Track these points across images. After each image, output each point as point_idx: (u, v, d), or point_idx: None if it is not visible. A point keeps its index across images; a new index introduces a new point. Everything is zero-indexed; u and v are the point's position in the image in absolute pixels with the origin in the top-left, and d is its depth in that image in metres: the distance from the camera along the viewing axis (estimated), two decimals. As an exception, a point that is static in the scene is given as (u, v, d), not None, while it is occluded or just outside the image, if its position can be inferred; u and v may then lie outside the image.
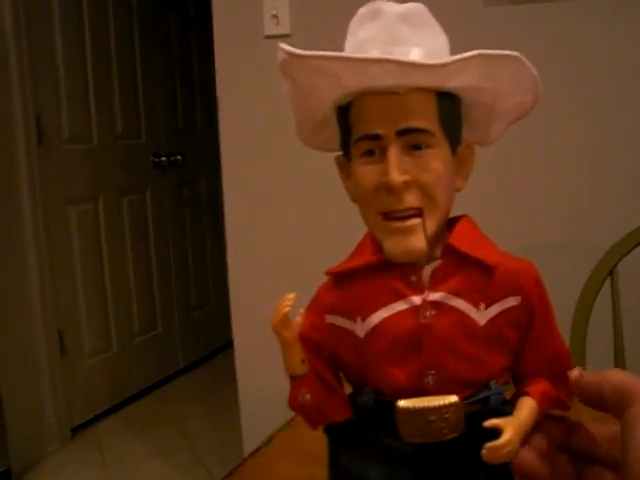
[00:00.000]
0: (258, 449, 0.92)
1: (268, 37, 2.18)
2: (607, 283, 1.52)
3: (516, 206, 2.04)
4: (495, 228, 0.57)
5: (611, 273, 1.52)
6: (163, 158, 3.68)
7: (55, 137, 3.08)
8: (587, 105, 1.99)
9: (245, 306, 2.43)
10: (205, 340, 4.08)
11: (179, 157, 3.77)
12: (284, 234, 2.28)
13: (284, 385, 0.52)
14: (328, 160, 0.53)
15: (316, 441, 0.71)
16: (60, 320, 3.14)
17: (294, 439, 0.95)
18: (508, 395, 0.49)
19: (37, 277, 3.00)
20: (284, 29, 2.11)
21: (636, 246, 1.53)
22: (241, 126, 2.33)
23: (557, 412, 0.48)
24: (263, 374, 2.32)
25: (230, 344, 3.68)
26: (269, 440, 0.94)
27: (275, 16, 2.13)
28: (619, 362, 1.51)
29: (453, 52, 0.48)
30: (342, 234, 1.20)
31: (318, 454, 0.71)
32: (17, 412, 2.89)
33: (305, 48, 0.45)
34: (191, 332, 3.98)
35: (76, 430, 3.24)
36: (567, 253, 1.96)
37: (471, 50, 0.45)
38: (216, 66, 2.32)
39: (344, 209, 0.56)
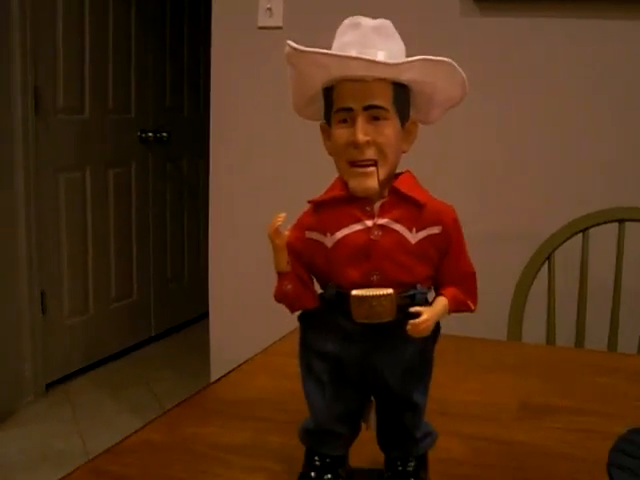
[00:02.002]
0: (235, 368, 1.13)
1: (261, 28, 2.37)
2: (544, 268, 1.74)
3: (468, 197, 2.26)
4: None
5: (548, 258, 1.74)
6: (150, 134, 3.85)
7: (50, 107, 3.25)
8: (534, 108, 2.23)
9: (222, 279, 2.62)
10: (177, 312, 4.25)
11: (165, 134, 3.93)
12: (264, 216, 2.48)
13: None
14: (311, 147, 0.73)
15: (282, 362, 0.91)
16: (43, 281, 3.31)
17: (265, 362, 1.16)
18: (430, 299, 0.70)
19: (25, 239, 3.17)
20: (277, 21, 2.30)
21: (571, 236, 1.75)
22: (232, 111, 2.52)
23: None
24: (236, 344, 2.50)
25: (201, 317, 3.89)
26: (245, 362, 1.15)
27: (269, 9, 2.32)
28: (550, 338, 1.73)
29: (428, 55, 0.68)
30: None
31: (284, 372, 0.92)
32: (-2, 363, 3.05)
33: (296, 40, 0.65)
34: (165, 302, 4.16)
35: (50, 386, 3.41)
36: (511, 241, 2.19)
37: (445, 54, 0.66)
38: (211, 53, 2.50)
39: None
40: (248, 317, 2.55)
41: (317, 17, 2.21)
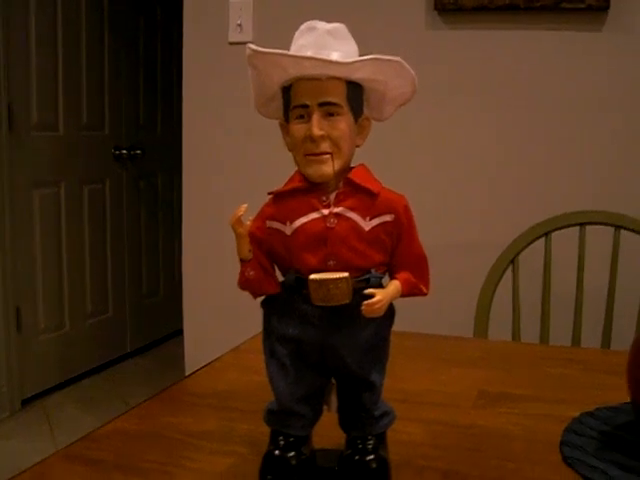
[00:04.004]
0: (206, 365, 1.16)
1: (232, 44, 2.42)
2: (509, 271, 1.79)
3: (433, 205, 2.32)
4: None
5: (512, 262, 1.79)
6: (124, 151, 3.88)
7: (24, 124, 3.28)
8: (496, 117, 2.29)
9: (196, 295, 2.65)
10: (153, 327, 4.27)
11: (139, 151, 3.97)
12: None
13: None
14: (284, 162, 0.77)
15: (251, 359, 0.95)
16: (18, 297, 3.32)
17: (235, 358, 1.20)
18: (385, 285, 0.74)
19: (-1, 255, 3.18)
20: (247, 37, 2.35)
21: (534, 240, 1.81)
22: (203, 126, 2.56)
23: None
24: (211, 360, 2.56)
25: (176, 333, 3.90)
26: (215, 359, 1.19)
27: (239, 25, 2.38)
28: (515, 338, 1.78)
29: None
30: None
31: (254, 367, 0.96)
32: (-27, 379, 3.05)
33: (263, 50, 0.70)
34: (140, 318, 4.18)
35: (26, 402, 3.41)
36: (477, 246, 2.24)
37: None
38: (183, 68, 2.54)
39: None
40: (222, 333, 2.57)
41: (286, 32, 2.25)
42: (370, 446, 0.76)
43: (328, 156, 0.70)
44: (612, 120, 2.19)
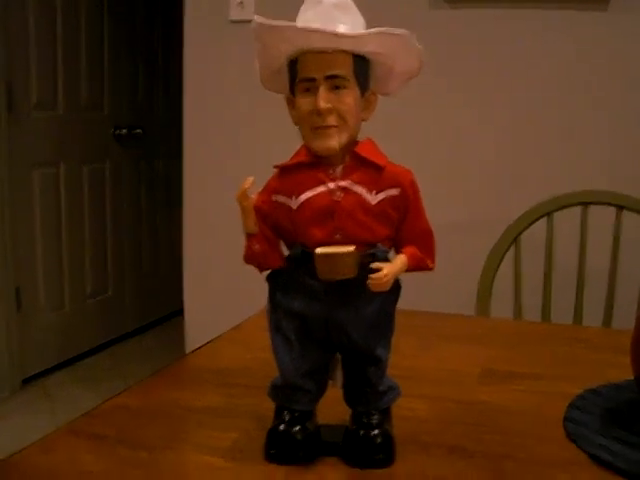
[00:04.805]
0: (209, 342, 1.16)
1: (233, 22, 2.41)
2: (512, 250, 1.79)
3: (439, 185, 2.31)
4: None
5: (515, 241, 1.79)
6: (124, 130, 3.86)
7: (24, 104, 3.26)
8: (501, 97, 2.28)
9: (197, 275, 2.64)
10: (153, 307, 4.26)
11: (139, 130, 3.94)
12: (238, 212, 2.52)
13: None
14: (287, 142, 0.77)
15: (254, 335, 0.94)
16: (18, 277, 3.32)
17: (237, 335, 1.20)
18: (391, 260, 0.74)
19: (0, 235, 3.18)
20: (249, 15, 2.33)
21: (537, 219, 1.80)
22: (205, 105, 2.55)
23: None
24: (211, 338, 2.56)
25: (177, 313, 3.90)
26: (217, 336, 1.19)
27: (241, 3, 2.36)
28: (517, 312, 1.78)
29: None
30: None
31: (256, 344, 0.96)
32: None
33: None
34: (140, 298, 4.17)
35: (27, 381, 3.42)
36: (479, 226, 2.24)
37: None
38: (184, 47, 2.53)
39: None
40: (223, 312, 2.57)
41: (289, 10, 2.24)
42: (375, 421, 0.76)
43: (334, 129, 0.69)
44: (615, 100, 2.18)
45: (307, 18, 0.72)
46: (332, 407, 0.79)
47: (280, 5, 2.39)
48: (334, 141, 0.69)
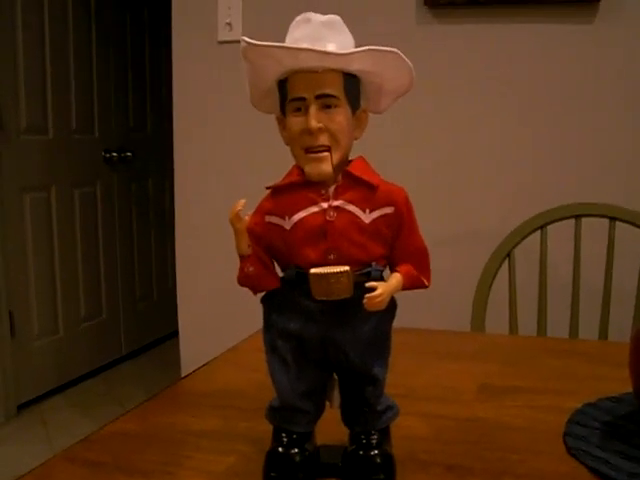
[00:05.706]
0: (204, 364, 1.16)
1: (221, 42, 2.41)
2: (505, 264, 1.79)
3: (431, 198, 2.31)
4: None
5: (509, 255, 1.79)
6: (114, 154, 3.87)
7: (14, 127, 3.26)
8: (489, 110, 2.29)
9: (191, 297, 2.63)
10: (147, 330, 4.25)
11: (129, 154, 3.95)
12: (230, 233, 2.51)
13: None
14: (276, 162, 0.77)
15: (250, 357, 0.94)
16: (11, 302, 3.30)
17: (233, 357, 1.19)
18: (386, 278, 0.73)
19: (-9, 260, 3.16)
20: (236, 35, 2.34)
21: (530, 233, 1.81)
22: (194, 126, 2.55)
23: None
24: (206, 361, 2.56)
25: (170, 336, 3.89)
26: (213, 358, 1.18)
27: (229, 24, 2.36)
28: (512, 331, 1.78)
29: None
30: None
31: (252, 366, 0.95)
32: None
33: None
34: (134, 321, 4.16)
35: (22, 407, 3.40)
36: (474, 239, 2.24)
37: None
38: (173, 68, 2.53)
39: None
40: (218, 333, 2.56)
41: (276, 30, 2.24)
42: (374, 441, 0.76)
43: (326, 154, 0.69)
44: (605, 112, 2.19)
45: (296, 37, 0.72)
46: (330, 427, 0.79)
47: (268, 25, 2.42)
48: (327, 165, 0.69)
